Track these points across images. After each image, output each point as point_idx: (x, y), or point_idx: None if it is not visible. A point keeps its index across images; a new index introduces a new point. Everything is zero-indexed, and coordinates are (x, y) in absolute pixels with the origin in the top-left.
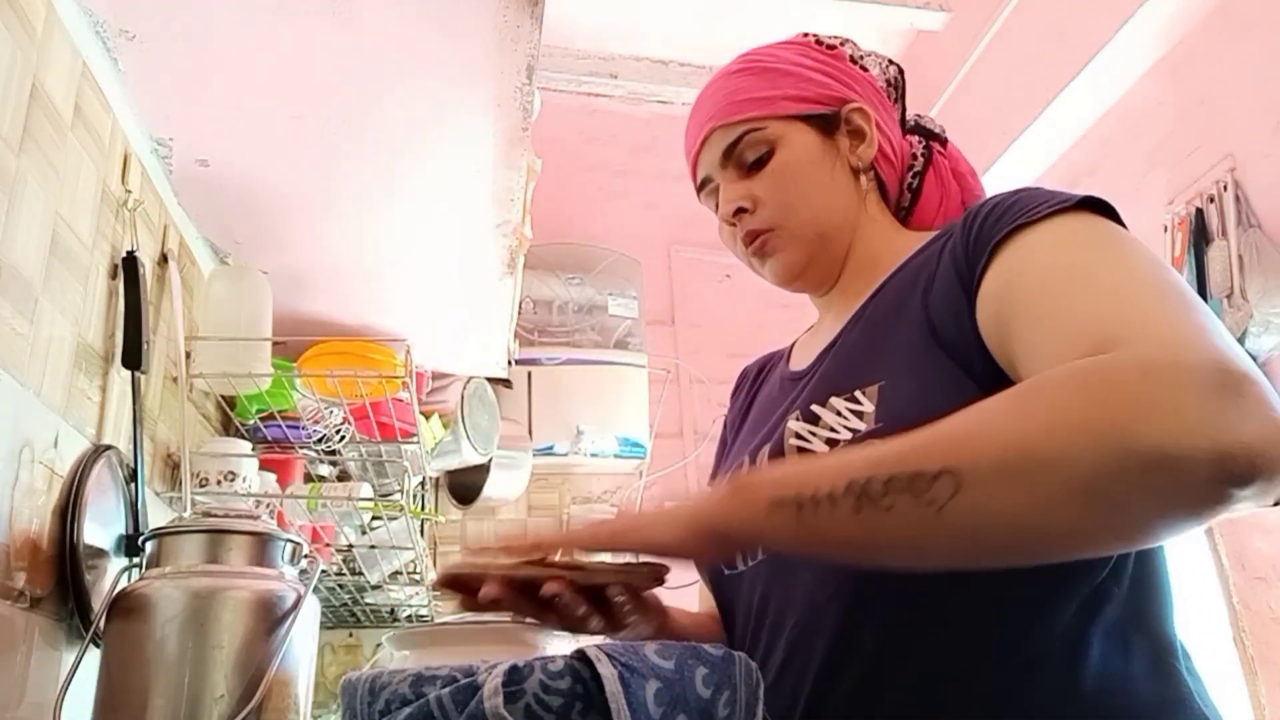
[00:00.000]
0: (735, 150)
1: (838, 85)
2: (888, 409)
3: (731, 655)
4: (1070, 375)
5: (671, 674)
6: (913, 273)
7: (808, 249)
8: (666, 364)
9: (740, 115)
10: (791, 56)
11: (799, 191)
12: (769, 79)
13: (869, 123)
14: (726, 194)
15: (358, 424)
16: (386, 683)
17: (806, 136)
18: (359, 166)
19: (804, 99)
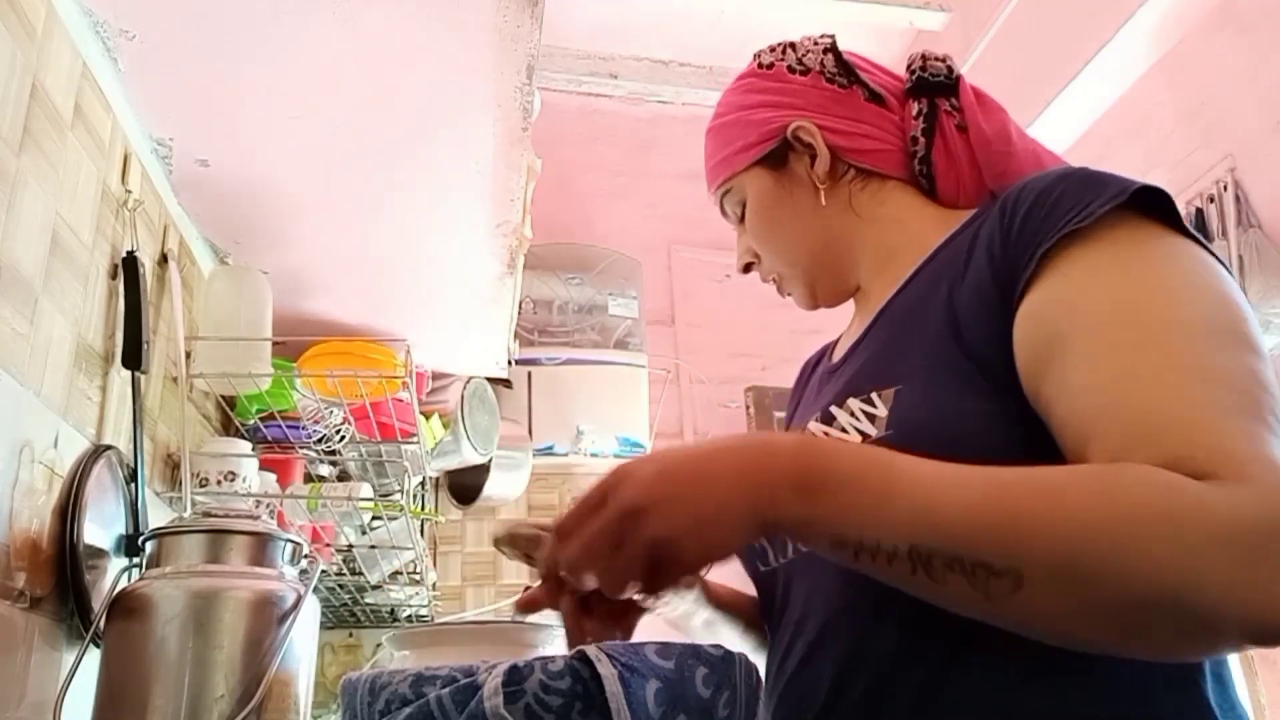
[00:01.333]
0: (725, 211)
1: (776, 112)
2: (898, 415)
3: (731, 655)
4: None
5: (671, 674)
6: (940, 267)
7: (807, 278)
8: (666, 364)
9: (714, 183)
10: (737, 99)
11: (772, 237)
12: (724, 138)
13: (815, 136)
14: (738, 249)
15: (358, 424)
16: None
17: (762, 181)
18: (359, 166)
19: (750, 146)
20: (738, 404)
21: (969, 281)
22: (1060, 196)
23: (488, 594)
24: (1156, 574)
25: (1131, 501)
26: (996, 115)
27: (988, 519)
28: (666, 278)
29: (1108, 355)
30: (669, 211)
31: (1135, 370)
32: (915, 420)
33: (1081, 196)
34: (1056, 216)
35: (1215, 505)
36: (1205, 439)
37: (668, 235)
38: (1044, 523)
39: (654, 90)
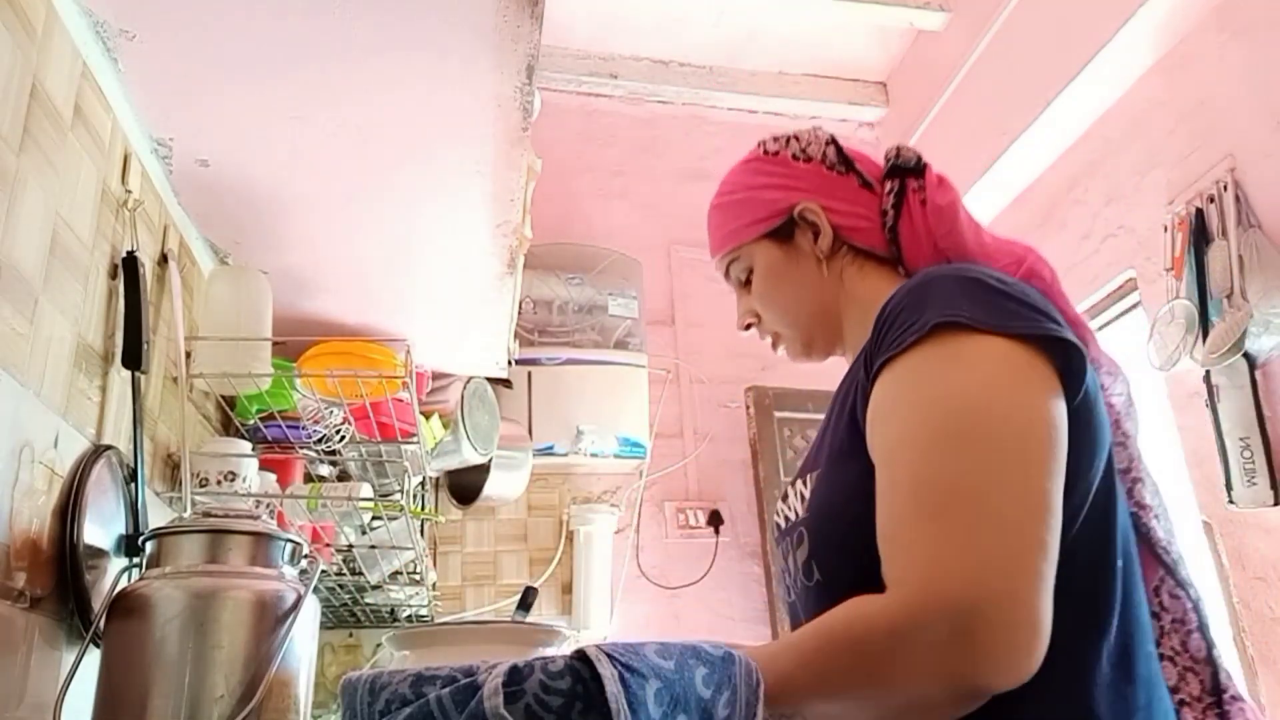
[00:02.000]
0: (729, 273)
1: (783, 193)
2: (814, 500)
3: (731, 655)
4: (849, 645)
5: (671, 674)
6: (858, 358)
7: (804, 337)
8: (666, 364)
9: (721, 250)
10: (745, 180)
11: (778, 301)
12: (733, 213)
13: (819, 216)
14: (738, 309)
15: (358, 424)
16: (386, 683)
17: (771, 252)
18: (359, 166)
19: (759, 220)
20: (738, 404)
21: (858, 381)
22: (897, 316)
23: (488, 594)
24: (857, 688)
25: (834, 645)
26: (950, 192)
27: (774, 688)
28: (666, 278)
29: (879, 472)
30: (669, 211)
31: (883, 490)
32: (825, 502)
33: (907, 318)
34: (891, 335)
35: (870, 624)
36: (889, 556)
37: (668, 235)
38: (793, 682)
39: (654, 90)
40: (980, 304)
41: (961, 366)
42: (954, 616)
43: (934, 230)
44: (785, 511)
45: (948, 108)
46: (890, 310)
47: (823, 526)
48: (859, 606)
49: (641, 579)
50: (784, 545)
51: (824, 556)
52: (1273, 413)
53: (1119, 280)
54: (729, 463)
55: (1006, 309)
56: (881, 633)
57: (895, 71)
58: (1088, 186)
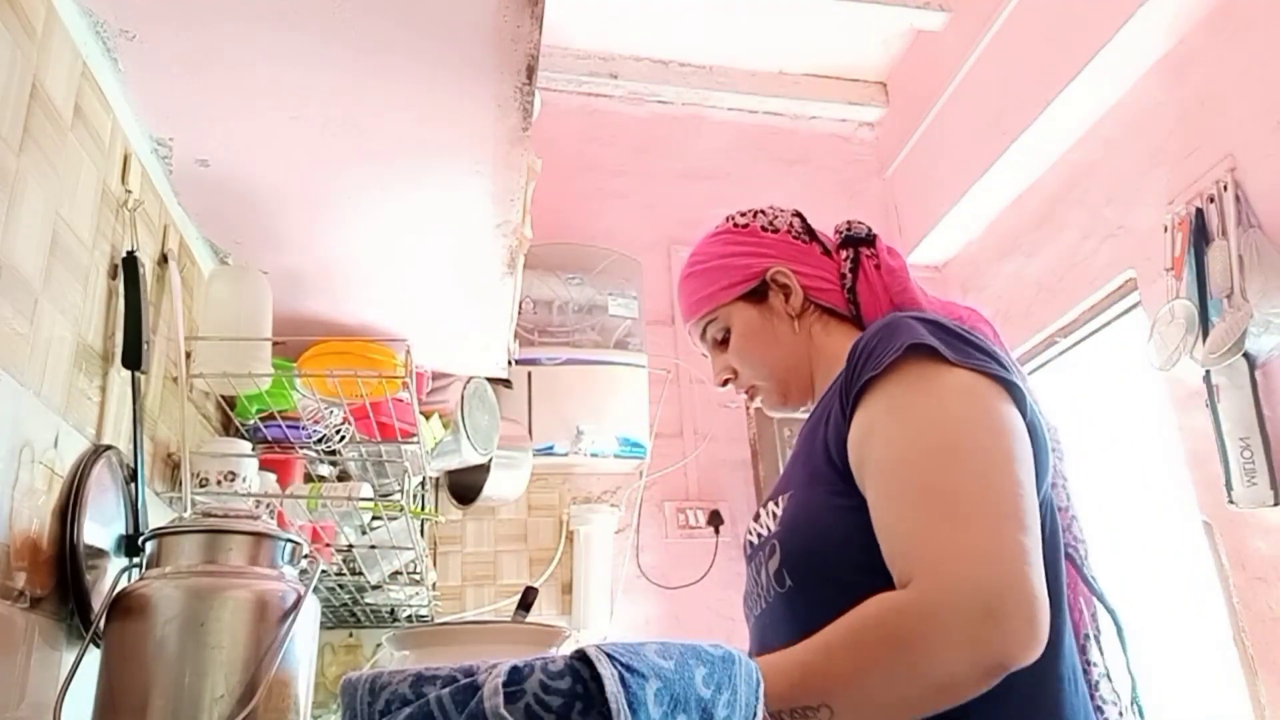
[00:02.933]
0: (705, 334)
1: (756, 259)
2: (787, 515)
3: (731, 655)
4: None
5: (672, 674)
6: (827, 398)
7: (780, 390)
8: (666, 364)
9: (697, 313)
10: (718, 249)
11: (757, 355)
12: (708, 279)
13: (790, 278)
14: (713, 367)
15: (358, 424)
16: (386, 683)
17: (747, 312)
18: (359, 166)
19: (734, 284)
20: (737, 404)
21: (832, 413)
22: (873, 348)
23: (488, 594)
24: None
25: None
26: (899, 259)
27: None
28: (666, 278)
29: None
30: (669, 211)
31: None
32: (794, 518)
33: (881, 347)
34: (867, 364)
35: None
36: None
37: (668, 235)
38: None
39: (654, 90)
40: (943, 340)
41: (938, 389)
42: (981, 598)
43: (890, 288)
44: (758, 530)
45: (948, 108)
46: (864, 346)
47: (793, 538)
48: (883, 601)
49: (641, 579)
50: (756, 560)
51: (795, 564)
52: (1273, 413)
53: (1119, 280)
54: (729, 463)
55: (964, 348)
56: (915, 617)
57: (895, 71)
58: (1088, 186)
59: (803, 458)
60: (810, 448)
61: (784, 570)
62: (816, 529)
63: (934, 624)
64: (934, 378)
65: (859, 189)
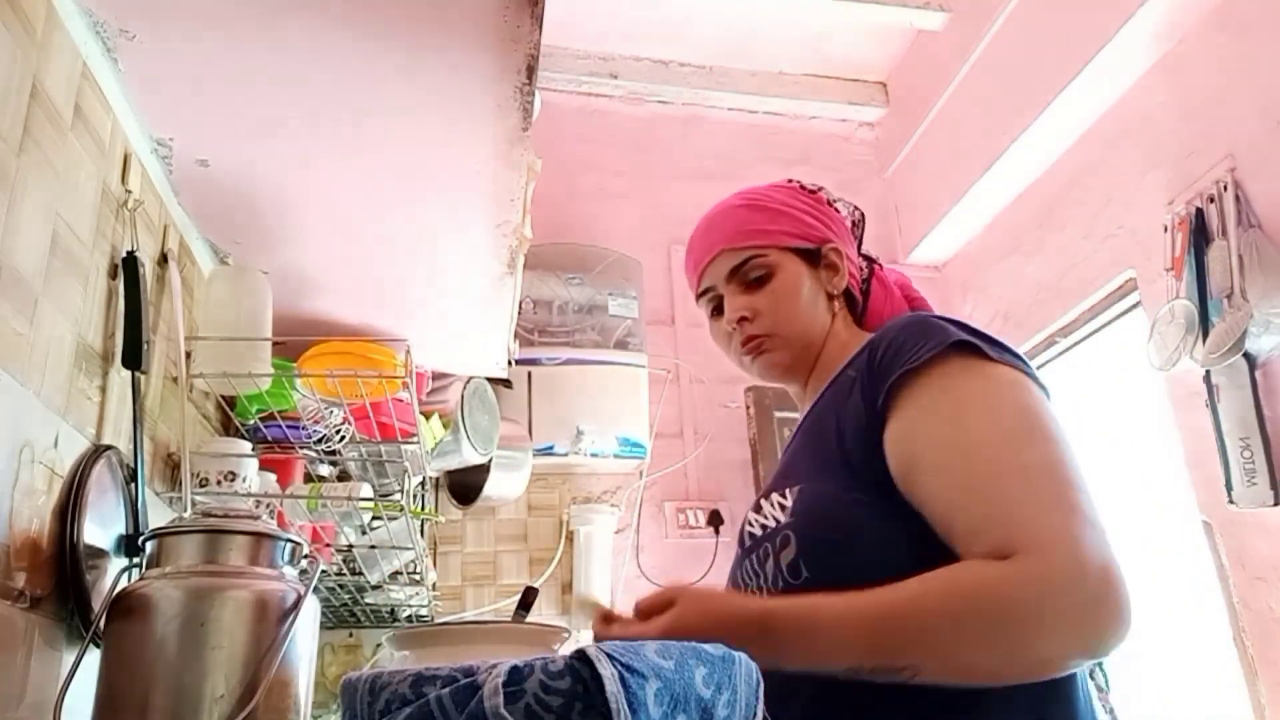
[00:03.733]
0: (741, 269)
1: (820, 226)
2: (800, 507)
3: (731, 655)
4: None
5: (672, 674)
6: (836, 389)
7: (792, 353)
8: (666, 364)
9: (748, 242)
10: (784, 198)
11: (791, 308)
12: (769, 216)
13: (842, 259)
14: (732, 304)
15: (358, 424)
16: (386, 683)
17: (798, 265)
18: (359, 166)
19: (797, 235)
20: (737, 404)
21: (849, 409)
22: (904, 342)
23: (488, 594)
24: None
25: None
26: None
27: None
28: (666, 278)
29: (943, 472)
30: (669, 212)
31: (962, 482)
32: (810, 509)
33: (917, 341)
34: (900, 357)
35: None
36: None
37: (668, 235)
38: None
39: (654, 90)
40: (980, 337)
41: (993, 381)
42: (1091, 582)
43: (906, 291)
44: (760, 521)
45: (948, 108)
46: (890, 341)
47: (812, 529)
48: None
49: (641, 579)
50: (760, 552)
51: (813, 555)
52: (1273, 413)
53: (1119, 280)
54: (729, 463)
55: (1000, 347)
56: (1028, 592)
57: (895, 71)
58: (1088, 186)
59: (807, 451)
60: (817, 441)
61: (800, 561)
62: (838, 521)
63: (1047, 602)
64: (982, 371)
65: (859, 189)
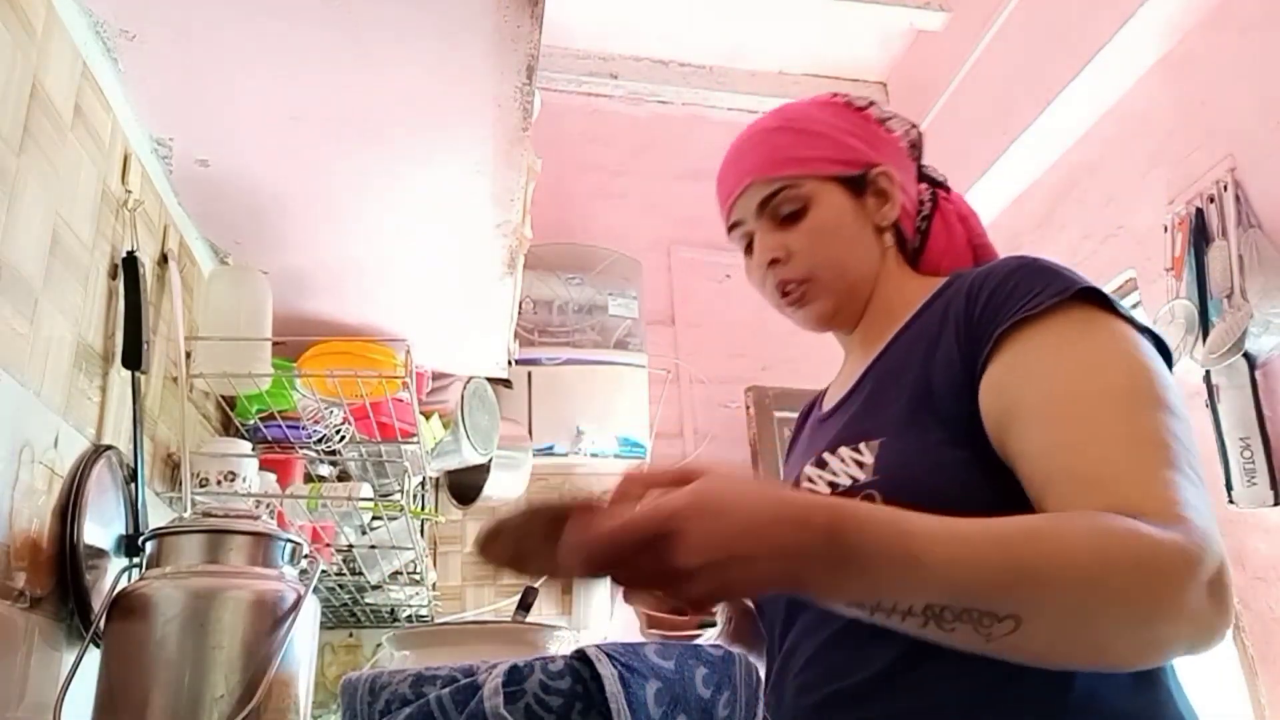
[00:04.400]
0: (771, 202)
1: (866, 149)
2: (884, 463)
3: (731, 655)
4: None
5: (672, 674)
6: (917, 333)
7: (836, 299)
8: (666, 364)
9: (780, 172)
10: (825, 118)
11: (831, 247)
12: (806, 140)
13: (893, 185)
14: (763, 243)
15: (358, 424)
16: (386, 683)
17: (838, 197)
18: (359, 166)
19: (837, 161)
20: (738, 404)
21: (940, 353)
22: (1016, 285)
23: (488, 594)
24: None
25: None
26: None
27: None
28: (666, 278)
29: (1054, 424)
30: (669, 211)
31: (1076, 436)
32: (899, 467)
33: (1033, 286)
34: (1012, 303)
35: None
36: (1134, 489)
37: (668, 235)
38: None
39: (654, 90)
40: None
41: (1118, 337)
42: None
43: (971, 230)
44: (828, 477)
45: (948, 108)
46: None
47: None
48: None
49: None
50: None
51: None
52: (1273, 413)
53: (1119, 280)
54: (729, 463)
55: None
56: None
57: (895, 71)
58: (1088, 186)
59: (883, 402)
60: (895, 392)
61: None
62: (936, 481)
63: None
64: (1107, 325)
65: None
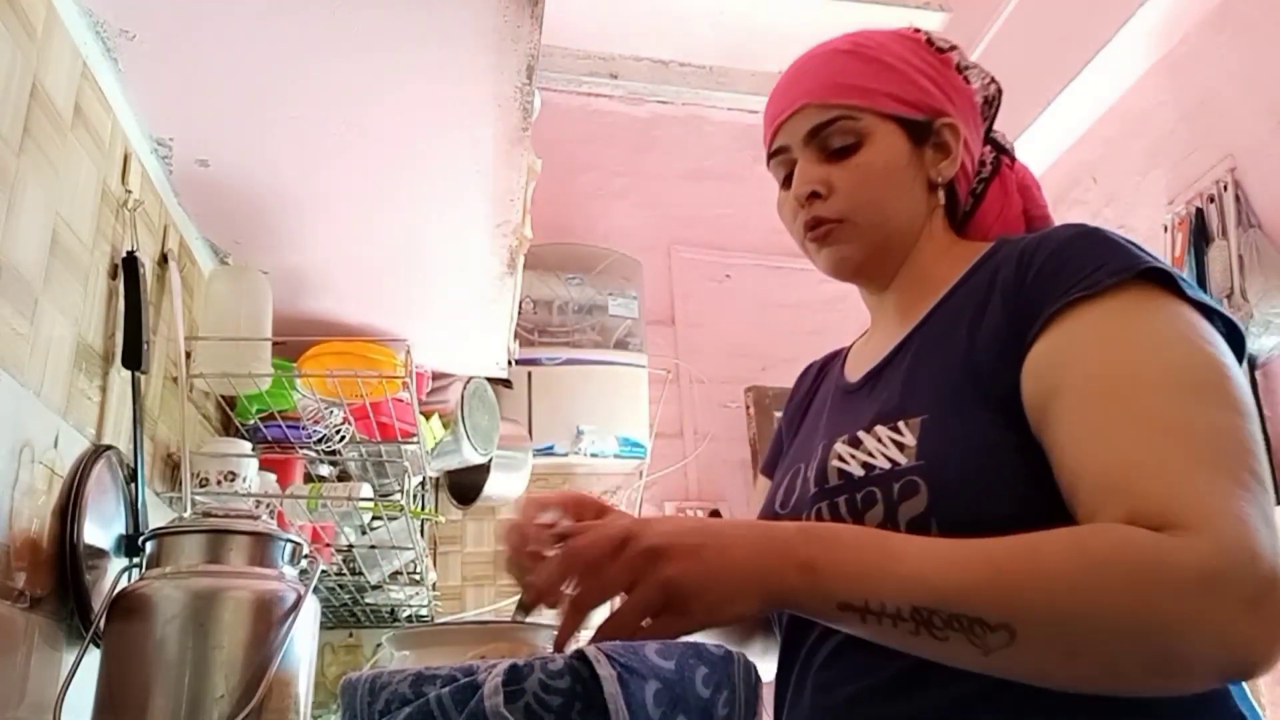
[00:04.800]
0: (823, 132)
1: (938, 94)
2: (928, 446)
3: (731, 655)
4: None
5: (671, 674)
6: (961, 302)
7: (868, 249)
8: (666, 364)
9: (838, 99)
10: (900, 51)
11: (877, 191)
12: (874, 70)
13: (957, 140)
14: (803, 174)
15: (358, 424)
16: (386, 682)
17: (896, 139)
18: (359, 166)
19: (903, 101)
20: (738, 404)
21: (986, 326)
22: (1072, 257)
23: (488, 594)
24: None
25: (1100, 560)
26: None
27: (981, 579)
28: (666, 278)
29: (1090, 411)
30: (669, 211)
31: (1110, 427)
32: (944, 450)
33: (1091, 261)
34: (1066, 277)
35: (1171, 556)
36: (1163, 492)
37: (668, 235)
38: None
39: (654, 90)
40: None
41: (1182, 323)
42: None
43: (1032, 201)
44: (862, 458)
45: None
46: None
47: (952, 474)
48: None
49: None
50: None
51: (953, 510)
52: (1273, 413)
53: None
54: (729, 463)
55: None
56: (1193, 573)
57: None
58: (1088, 186)
59: (923, 377)
60: (940, 364)
61: (932, 517)
62: (985, 467)
63: (1207, 591)
64: (1171, 309)
65: None
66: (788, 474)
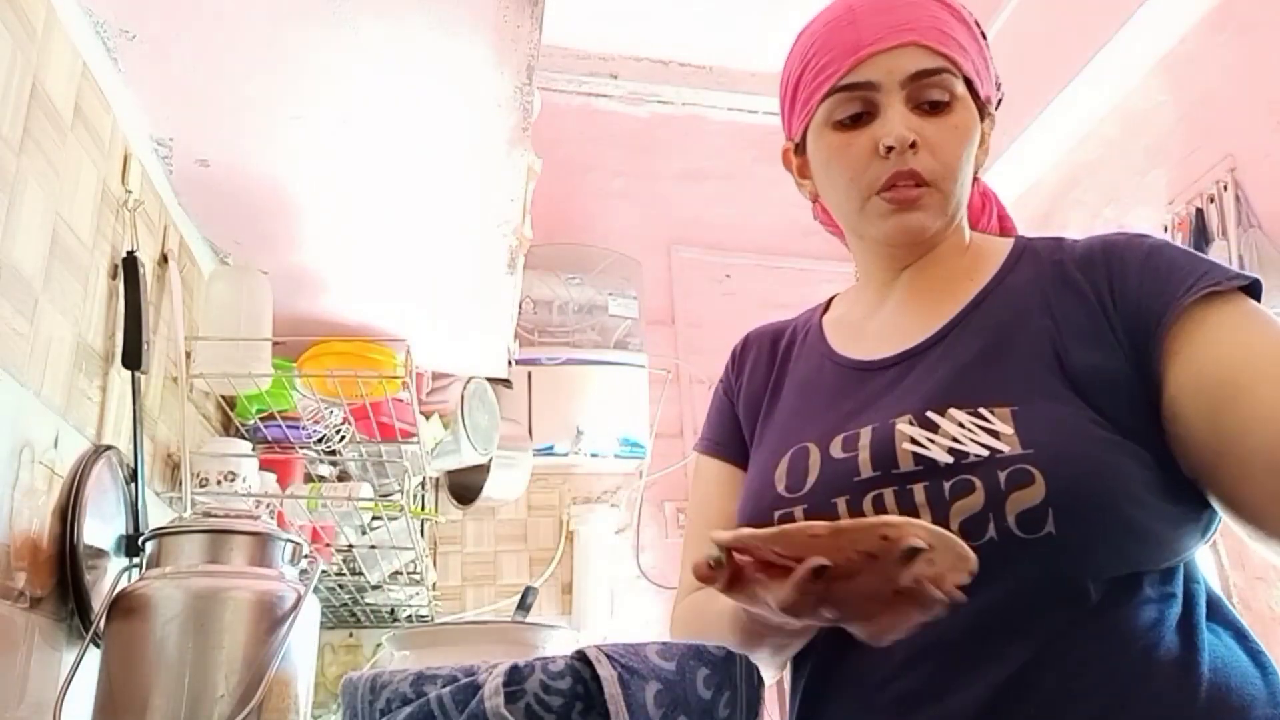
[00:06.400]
0: (928, 79)
1: (991, 87)
2: (1031, 437)
3: (732, 655)
4: None
5: (672, 675)
6: (1020, 294)
7: (942, 218)
8: (666, 364)
9: (949, 51)
10: (973, 30)
11: (962, 156)
12: (968, 36)
13: (990, 133)
14: (904, 123)
15: (358, 424)
16: (387, 682)
17: (973, 113)
18: (359, 166)
19: (979, 76)
20: None
21: (1072, 322)
22: (1173, 261)
23: (488, 594)
24: None
25: None
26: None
27: None
28: (666, 278)
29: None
30: (669, 211)
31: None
32: (1052, 440)
33: (1201, 264)
34: (1181, 279)
35: None
36: None
37: (668, 235)
38: None
39: (654, 90)
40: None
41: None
42: None
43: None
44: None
45: None
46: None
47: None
48: None
49: (641, 579)
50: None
51: (1072, 505)
52: None
53: None
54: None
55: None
56: None
57: None
58: (1088, 186)
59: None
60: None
61: (1049, 509)
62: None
63: None
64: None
65: None
66: (786, 454)
